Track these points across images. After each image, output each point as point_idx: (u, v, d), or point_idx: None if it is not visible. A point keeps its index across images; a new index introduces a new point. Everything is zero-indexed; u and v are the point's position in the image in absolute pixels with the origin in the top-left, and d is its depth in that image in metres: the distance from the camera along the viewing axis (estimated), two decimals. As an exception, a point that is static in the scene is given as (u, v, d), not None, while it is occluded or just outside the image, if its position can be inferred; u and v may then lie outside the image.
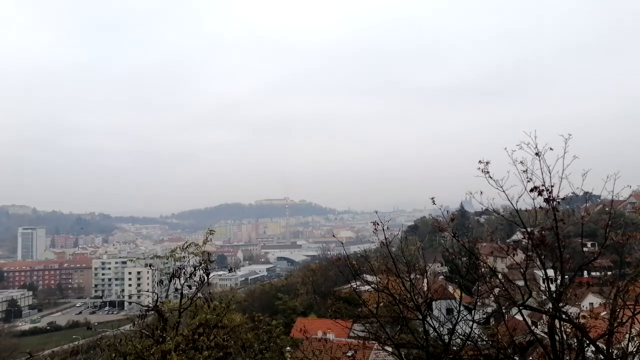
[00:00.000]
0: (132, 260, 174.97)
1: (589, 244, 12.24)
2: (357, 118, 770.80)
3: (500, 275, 9.94)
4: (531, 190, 8.43)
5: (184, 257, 10.47)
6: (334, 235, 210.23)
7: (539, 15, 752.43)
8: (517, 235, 49.34)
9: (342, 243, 22.25)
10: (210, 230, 11.27)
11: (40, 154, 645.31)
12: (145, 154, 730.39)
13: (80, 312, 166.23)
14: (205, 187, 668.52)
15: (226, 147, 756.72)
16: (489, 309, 13.46)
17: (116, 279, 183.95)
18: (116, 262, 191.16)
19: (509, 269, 12.04)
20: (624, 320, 8.27)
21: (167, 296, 10.66)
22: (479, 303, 10.85)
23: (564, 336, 8.51)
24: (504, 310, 10.22)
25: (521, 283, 9.24)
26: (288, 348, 14.82)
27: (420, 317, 10.11)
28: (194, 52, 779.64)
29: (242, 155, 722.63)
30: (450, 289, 20.06)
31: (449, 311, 11.28)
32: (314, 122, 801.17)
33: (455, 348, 9.90)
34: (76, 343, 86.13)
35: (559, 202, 8.54)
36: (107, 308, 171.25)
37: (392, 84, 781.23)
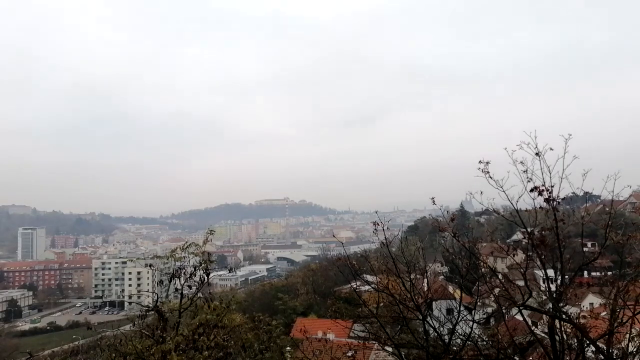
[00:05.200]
0: (132, 260, 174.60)
1: (589, 244, 12.21)
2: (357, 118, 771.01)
3: (500, 276, 9.94)
4: (531, 191, 8.43)
5: (184, 257, 10.47)
6: (334, 236, 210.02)
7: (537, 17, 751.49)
8: (517, 236, 49.33)
9: (342, 243, 22.29)
10: (211, 231, 11.26)
11: (40, 154, 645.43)
12: (145, 154, 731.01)
13: (80, 312, 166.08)
14: (205, 187, 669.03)
15: (226, 147, 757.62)
16: (489, 309, 13.46)
17: (116, 279, 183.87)
18: (116, 262, 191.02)
19: (509, 269, 12.04)
20: (624, 321, 8.28)
21: (167, 296, 10.66)
22: (479, 303, 10.86)
23: (564, 336, 8.51)
24: (504, 311, 10.23)
25: (521, 283, 9.24)
26: (288, 348, 14.81)
27: (421, 317, 10.12)
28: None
29: (243, 156, 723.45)
30: (451, 289, 20.06)
31: (449, 311, 11.28)
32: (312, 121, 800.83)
33: (455, 348, 9.90)
34: (76, 343, 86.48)
35: (559, 202, 8.54)
36: (107, 308, 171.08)
37: (390, 85, 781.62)
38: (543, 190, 8.37)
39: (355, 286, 13.23)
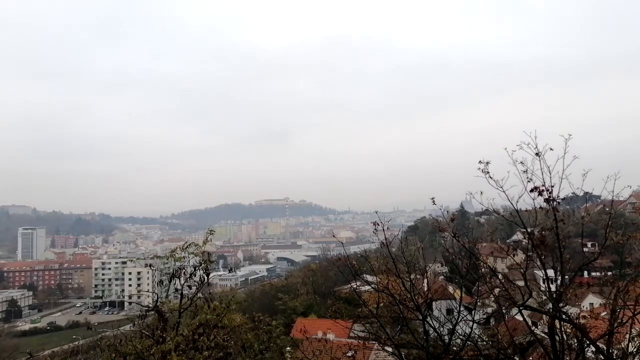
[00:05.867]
0: (132, 260, 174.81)
1: (589, 244, 12.21)
2: (358, 117, 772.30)
3: (500, 276, 9.94)
4: (531, 191, 8.43)
5: (184, 257, 10.46)
6: (334, 236, 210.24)
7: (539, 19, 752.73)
8: (517, 236, 49.29)
9: (342, 243, 22.29)
10: (210, 231, 11.25)
11: (40, 155, 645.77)
12: (145, 154, 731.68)
13: (80, 312, 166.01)
14: (205, 187, 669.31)
15: (226, 147, 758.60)
16: (489, 309, 13.44)
17: (116, 279, 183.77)
18: (116, 262, 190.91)
19: (509, 269, 12.04)
20: (624, 321, 8.28)
21: (167, 296, 10.65)
22: (479, 303, 10.85)
23: (564, 336, 8.51)
24: (504, 311, 10.22)
25: (521, 283, 9.24)
26: (288, 348, 14.80)
27: (421, 317, 10.11)
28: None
29: (243, 156, 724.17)
30: (451, 289, 20.05)
31: (449, 311, 11.29)
32: (314, 121, 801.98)
33: (455, 348, 9.90)
34: (76, 343, 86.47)
35: (559, 202, 8.53)
36: (107, 308, 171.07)
37: (393, 85, 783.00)
38: (543, 191, 8.37)
39: (355, 286, 13.24)
